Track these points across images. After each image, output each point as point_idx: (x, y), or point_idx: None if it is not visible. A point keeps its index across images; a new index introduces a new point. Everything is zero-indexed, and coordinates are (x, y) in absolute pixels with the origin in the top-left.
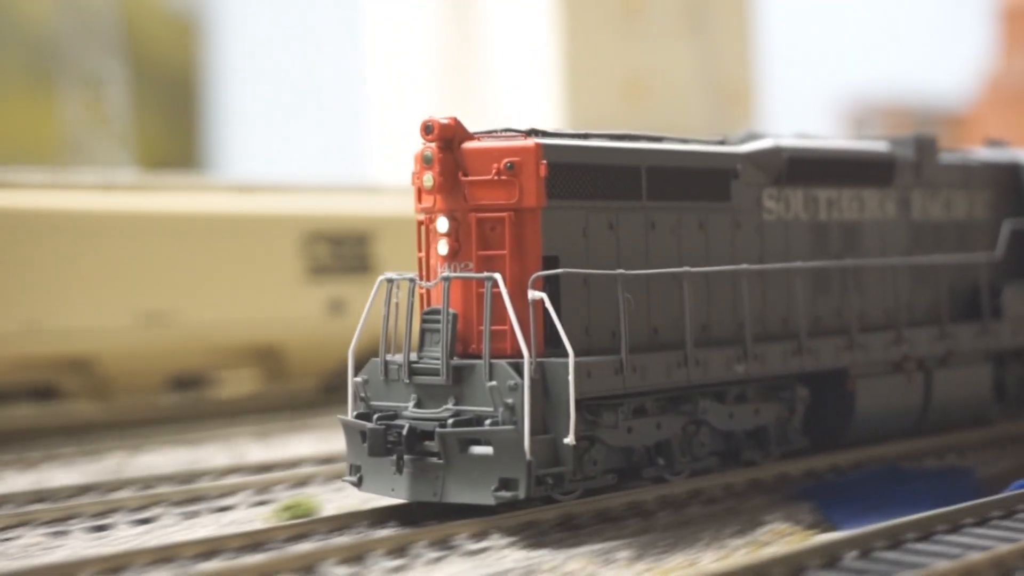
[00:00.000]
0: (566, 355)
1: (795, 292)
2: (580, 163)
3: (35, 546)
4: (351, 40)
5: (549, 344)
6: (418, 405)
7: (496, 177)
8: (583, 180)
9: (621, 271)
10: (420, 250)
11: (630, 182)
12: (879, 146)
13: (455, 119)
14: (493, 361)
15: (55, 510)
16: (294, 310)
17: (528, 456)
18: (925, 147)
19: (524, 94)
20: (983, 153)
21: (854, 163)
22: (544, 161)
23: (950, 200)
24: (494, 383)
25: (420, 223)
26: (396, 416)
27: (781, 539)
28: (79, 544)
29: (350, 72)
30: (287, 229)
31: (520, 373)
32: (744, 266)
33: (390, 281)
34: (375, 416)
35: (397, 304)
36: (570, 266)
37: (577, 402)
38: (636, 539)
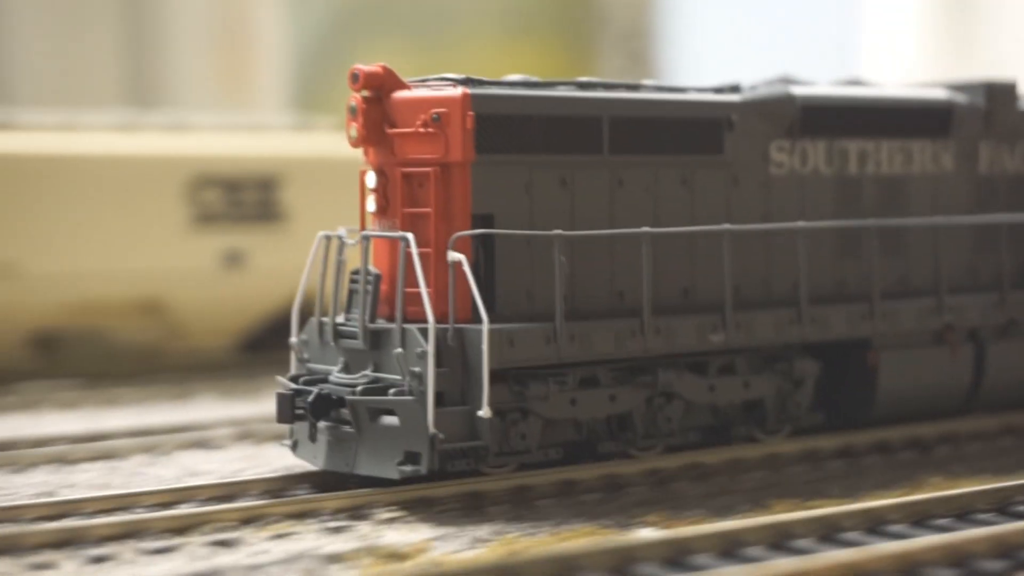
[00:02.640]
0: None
1: (798, 254)
2: (521, 114)
3: None
4: None
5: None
6: (345, 369)
7: (422, 129)
8: (526, 132)
9: (558, 231)
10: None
11: (588, 134)
12: (933, 94)
13: (384, 66)
14: (404, 327)
15: None
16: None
17: (431, 429)
18: (1000, 94)
19: None
20: None
21: (895, 112)
22: (472, 112)
23: None
24: (401, 350)
25: (361, 176)
26: (326, 380)
27: None
28: None
29: (840, 20)
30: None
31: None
32: (726, 226)
33: (328, 237)
34: (302, 379)
35: (343, 261)
36: (511, 226)
37: (502, 372)
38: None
